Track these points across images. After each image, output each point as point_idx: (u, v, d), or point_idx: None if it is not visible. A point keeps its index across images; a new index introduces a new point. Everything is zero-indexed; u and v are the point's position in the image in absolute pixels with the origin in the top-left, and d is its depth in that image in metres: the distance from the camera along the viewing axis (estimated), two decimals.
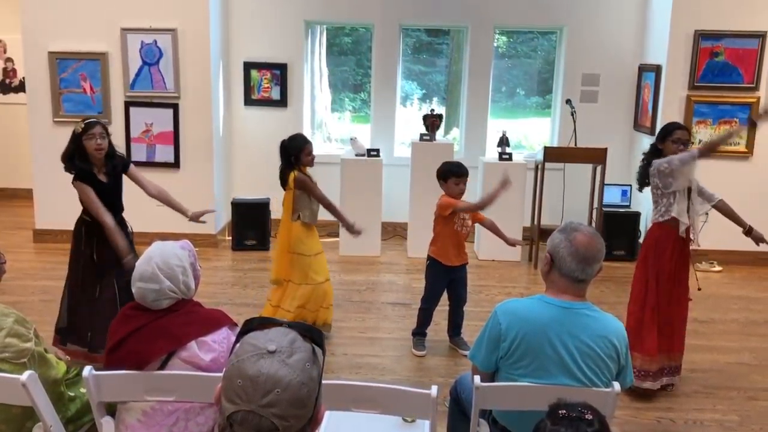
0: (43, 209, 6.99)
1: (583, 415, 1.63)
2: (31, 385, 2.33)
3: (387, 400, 2.44)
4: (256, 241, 6.98)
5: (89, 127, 3.90)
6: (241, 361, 1.31)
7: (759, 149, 6.70)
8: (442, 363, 4.58)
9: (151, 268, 2.46)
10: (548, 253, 2.51)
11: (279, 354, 1.31)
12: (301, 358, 1.34)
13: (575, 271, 2.41)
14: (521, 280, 6.37)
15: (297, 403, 1.30)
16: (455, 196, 4.55)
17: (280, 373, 1.29)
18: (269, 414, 1.27)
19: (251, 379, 1.28)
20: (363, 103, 9.09)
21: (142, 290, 2.46)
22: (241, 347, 1.35)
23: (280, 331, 1.39)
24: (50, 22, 6.63)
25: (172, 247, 2.59)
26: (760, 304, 5.84)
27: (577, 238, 2.43)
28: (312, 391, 1.34)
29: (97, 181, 3.97)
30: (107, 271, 4.02)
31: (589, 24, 7.29)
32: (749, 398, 4.19)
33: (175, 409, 2.47)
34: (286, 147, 4.68)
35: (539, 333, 2.39)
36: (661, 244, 4.11)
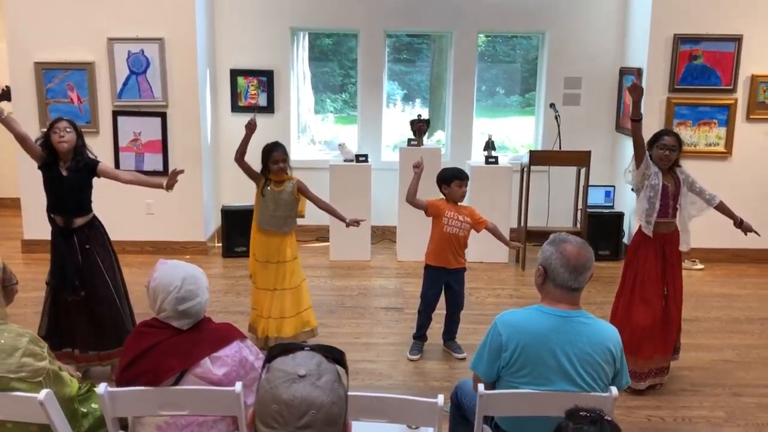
0: (30, 220, 6.98)
1: (603, 416, 1.74)
2: (48, 403, 2.39)
3: (394, 409, 2.53)
4: (246, 247, 6.98)
5: (55, 121, 4.14)
6: (274, 387, 1.39)
7: (737, 150, 6.87)
8: (438, 367, 4.68)
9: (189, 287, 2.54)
10: (541, 265, 2.61)
11: (309, 377, 1.40)
12: (329, 379, 1.42)
13: (569, 280, 2.52)
14: (510, 281, 6.49)
15: (330, 422, 1.38)
16: (458, 199, 4.67)
17: (312, 395, 1.37)
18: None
19: (286, 404, 1.36)
20: (344, 103, 9.16)
21: (191, 309, 2.54)
22: (271, 374, 1.42)
23: (306, 355, 1.47)
24: (36, 33, 6.62)
25: (185, 264, 2.66)
26: (741, 301, 6.01)
27: (567, 249, 2.54)
28: (342, 408, 1.42)
29: (56, 170, 4.13)
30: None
31: (570, 28, 7.43)
32: (734, 394, 4.34)
33: (188, 423, 2.54)
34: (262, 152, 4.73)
35: (539, 342, 2.49)
36: (644, 247, 4.25)
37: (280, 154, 4.64)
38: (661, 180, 4.15)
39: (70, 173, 4.16)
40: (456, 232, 4.68)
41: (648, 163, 4.17)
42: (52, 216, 4.25)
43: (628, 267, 4.34)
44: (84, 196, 4.26)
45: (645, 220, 4.19)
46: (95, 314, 4.27)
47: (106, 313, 4.28)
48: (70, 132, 4.11)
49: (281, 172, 4.66)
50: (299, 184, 4.76)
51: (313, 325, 4.87)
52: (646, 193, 4.15)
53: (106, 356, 4.33)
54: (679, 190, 4.22)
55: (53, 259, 4.30)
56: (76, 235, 4.23)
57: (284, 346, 1.51)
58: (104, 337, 4.29)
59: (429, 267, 4.80)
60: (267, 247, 4.72)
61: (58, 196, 4.19)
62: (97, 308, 4.26)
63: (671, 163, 4.19)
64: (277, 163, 4.62)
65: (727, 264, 6.95)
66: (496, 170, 6.91)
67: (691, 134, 6.82)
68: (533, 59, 8.00)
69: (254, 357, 2.65)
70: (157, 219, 6.95)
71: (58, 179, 4.14)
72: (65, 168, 4.17)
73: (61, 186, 4.15)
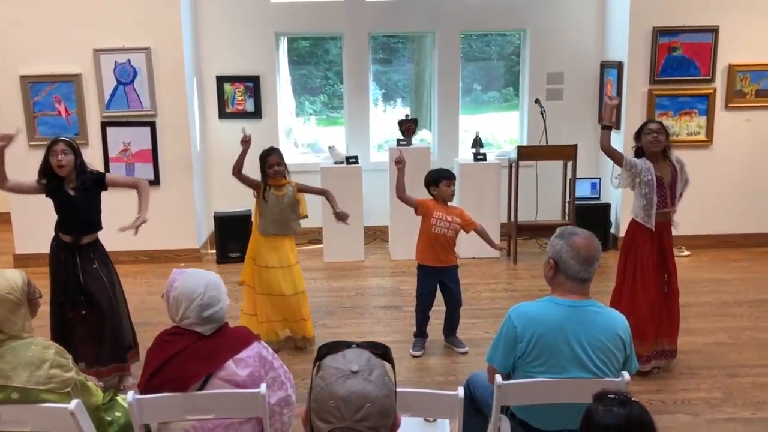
0: (21, 234, 6.96)
1: (630, 397, 1.83)
2: (78, 413, 2.43)
3: (415, 403, 2.61)
4: (240, 252, 7.04)
5: (52, 144, 4.12)
6: (329, 384, 1.46)
7: (718, 138, 7.05)
8: (440, 362, 4.76)
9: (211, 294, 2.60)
10: (551, 259, 2.70)
11: (362, 373, 1.47)
12: (380, 374, 1.50)
13: (580, 272, 2.63)
14: (503, 276, 6.59)
15: (384, 414, 1.45)
16: (447, 199, 4.75)
17: (366, 389, 1.44)
18: (363, 428, 1.42)
19: (343, 399, 1.43)
20: (324, 105, 9.23)
21: (215, 314, 2.60)
22: (325, 371, 1.49)
23: (355, 351, 1.54)
24: (21, 46, 6.60)
25: (204, 272, 2.72)
26: (729, 285, 6.17)
27: (577, 242, 2.64)
28: (393, 401, 1.50)
29: (63, 193, 4.13)
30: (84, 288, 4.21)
31: (551, 25, 7.56)
32: (729, 376, 4.47)
33: (215, 426, 2.59)
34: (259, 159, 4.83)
35: (554, 332, 2.58)
36: (641, 236, 4.37)
37: (275, 158, 4.75)
38: (653, 173, 4.26)
39: (77, 192, 4.16)
40: (444, 232, 4.76)
41: (632, 162, 4.30)
42: (60, 235, 4.23)
43: (626, 256, 4.44)
44: (94, 213, 4.28)
45: (645, 216, 4.31)
46: (97, 331, 4.28)
47: (108, 330, 4.29)
48: (68, 154, 4.09)
49: (278, 176, 4.75)
50: (299, 186, 4.86)
51: (311, 334, 4.95)
52: (641, 190, 4.28)
53: (106, 372, 4.32)
54: (676, 178, 4.35)
55: (56, 275, 4.28)
56: (81, 253, 4.23)
57: (332, 345, 1.57)
58: (103, 353, 4.31)
59: (420, 266, 4.90)
60: (270, 251, 4.79)
61: (68, 217, 4.18)
62: (98, 325, 4.27)
63: (662, 145, 4.27)
64: (272, 167, 4.72)
65: (712, 250, 7.12)
66: (484, 167, 7.02)
67: (672, 124, 6.97)
68: (509, 54, 8.13)
69: (272, 357, 2.72)
70: (150, 228, 6.81)
71: (67, 200, 4.13)
72: (71, 188, 4.16)
73: (71, 207, 4.14)
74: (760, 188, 7.14)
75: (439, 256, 4.80)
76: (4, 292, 2.54)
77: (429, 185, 4.80)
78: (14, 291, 2.58)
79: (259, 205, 4.83)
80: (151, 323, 5.15)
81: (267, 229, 4.79)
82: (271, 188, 4.74)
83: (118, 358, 4.35)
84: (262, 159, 4.79)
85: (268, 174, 4.75)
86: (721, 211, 7.20)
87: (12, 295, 2.56)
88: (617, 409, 1.81)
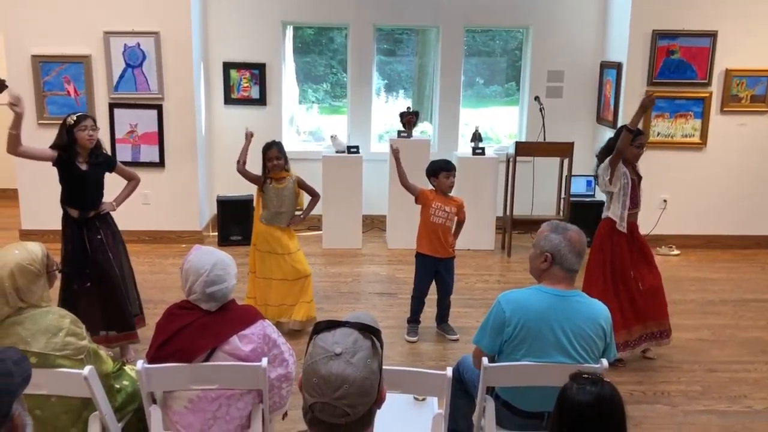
0: (28, 210, 7.12)
1: (602, 378, 2.00)
2: (92, 378, 2.60)
3: (407, 381, 2.78)
4: (241, 236, 7.21)
5: (81, 119, 4.29)
6: (314, 362, 1.62)
7: (712, 141, 7.20)
8: (432, 348, 4.94)
9: (218, 272, 2.75)
10: (548, 252, 2.85)
11: (344, 355, 1.62)
12: (363, 356, 1.64)
13: (574, 264, 2.82)
14: (496, 268, 6.76)
15: (362, 393, 1.62)
16: (446, 190, 4.91)
17: (346, 372, 1.60)
18: (341, 404, 1.59)
19: (324, 378, 1.59)
20: (326, 93, 9.35)
21: (218, 292, 2.75)
22: (313, 349, 1.65)
23: (344, 332, 1.68)
24: (33, 26, 6.73)
25: (216, 251, 2.87)
26: (715, 284, 6.35)
27: (572, 237, 2.83)
28: (374, 381, 1.65)
29: (75, 167, 4.30)
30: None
31: (553, 24, 7.70)
32: (709, 371, 4.66)
33: (217, 396, 2.76)
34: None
35: (540, 319, 2.76)
36: (616, 236, 4.56)
37: (275, 152, 4.94)
38: (629, 177, 4.48)
39: (89, 167, 4.35)
40: (442, 222, 4.92)
41: (619, 165, 4.47)
42: (67, 208, 4.41)
43: (601, 254, 4.60)
44: (100, 190, 4.47)
45: (621, 219, 4.49)
46: (102, 301, 4.46)
47: (111, 300, 4.47)
48: (95, 130, 4.32)
49: (277, 169, 4.94)
50: (299, 180, 5.04)
51: (313, 315, 5.12)
52: (620, 195, 4.46)
53: (114, 339, 4.52)
54: (640, 180, 4.61)
55: (64, 247, 4.47)
56: (88, 226, 4.42)
57: (329, 323, 1.73)
58: (109, 321, 4.49)
59: (419, 255, 5.07)
60: (270, 240, 5.00)
61: (76, 190, 4.36)
62: (104, 294, 4.46)
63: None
64: (272, 160, 4.92)
65: (701, 250, 7.29)
66: (483, 161, 7.18)
67: (668, 126, 7.14)
68: (511, 50, 8.26)
69: (276, 335, 2.89)
70: (154, 209, 7.12)
71: (77, 174, 4.31)
72: (84, 162, 4.34)
73: (80, 180, 4.32)
74: (751, 191, 7.32)
75: (436, 246, 4.96)
76: (26, 262, 2.71)
77: (429, 176, 4.97)
78: (35, 262, 2.74)
79: (260, 196, 5.01)
80: (152, 301, 5.32)
81: (268, 220, 5.00)
82: (272, 181, 4.92)
83: (125, 326, 4.53)
84: (263, 153, 4.98)
85: (267, 168, 4.94)
86: (711, 212, 7.37)
87: (33, 266, 2.72)
88: (589, 387, 1.98)
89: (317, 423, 1.62)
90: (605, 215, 4.63)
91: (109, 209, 4.50)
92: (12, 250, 2.73)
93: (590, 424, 1.93)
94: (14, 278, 2.66)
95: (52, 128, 6.90)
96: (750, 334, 5.27)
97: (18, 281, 2.67)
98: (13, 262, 2.68)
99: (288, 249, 5.01)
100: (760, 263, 6.98)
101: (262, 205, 5.04)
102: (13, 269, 2.67)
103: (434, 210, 4.90)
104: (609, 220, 4.59)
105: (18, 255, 2.72)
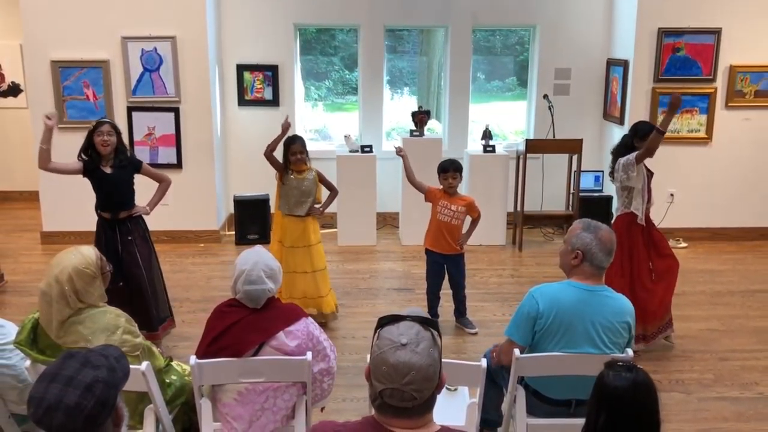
0: (49, 212, 7.27)
1: (635, 365, 2.16)
2: (148, 373, 2.77)
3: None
4: (258, 235, 7.37)
5: (99, 125, 4.49)
6: (383, 352, 1.79)
7: (717, 136, 7.36)
8: (452, 341, 5.10)
9: (258, 273, 2.89)
10: (579, 250, 3.00)
11: (410, 345, 1.79)
12: (426, 346, 1.82)
13: (604, 261, 2.98)
14: (509, 262, 6.93)
15: (427, 378, 1.79)
16: (446, 190, 5.09)
17: (412, 360, 1.77)
18: (409, 389, 1.76)
19: (393, 367, 1.76)
20: (328, 91, 9.49)
21: (254, 291, 2.90)
22: (381, 341, 1.82)
23: (407, 324, 1.86)
24: (52, 32, 6.88)
25: (266, 253, 3.02)
26: (723, 276, 6.52)
27: (603, 236, 2.99)
28: (436, 368, 1.83)
29: (100, 171, 4.49)
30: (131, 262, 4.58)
31: (560, 22, 7.85)
32: (721, 359, 4.83)
33: (264, 389, 2.93)
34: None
35: (572, 313, 2.92)
36: (633, 232, 4.71)
37: (298, 146, 5.08)
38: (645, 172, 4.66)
39: (114, 170, 4.52)
40: (448, 220, 5.08)
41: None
42: (100, 213, 4.59)
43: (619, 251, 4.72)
44: (128, 191, 4.62)
45: (642, 213, 4.66)
46: (130, 301, 4.61)
47: (137, 300, 4.62)
48: (112, 136, 4.48)
49: (300, 163, 5.09)
50: (319, 174, 5.19)
51: (332, 308, 5.29)
52: (643, 190, 4.63)
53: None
54: (652, 176, 4.79)
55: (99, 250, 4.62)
56: (120, 227, 4.58)
57: (390, 317, 1.89)
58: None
59: (427, 251, 5.25)
60: (293, 232, 5.14)
61: (105, 194, 4.54)
62: (130, 293, 4.61)
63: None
64: (295, 154, 5.06)
65: (708, 242, 7.46)
66: (493, 158, 7.33)
67: (674, 121, 7.26)
68: (512, 45, 8.40)
69: (319, 332, 3.05)
70: (172, 210, 7.24)
71: (103, 178, 4.49)
72: (108, 166, 4.51)
73: (107, 183, 4.50)
74: (756, 184, 7.48)
75: (441, 243, 5.12)
76: (82, 266, 2.87)
77: (438, 175, 5.14)
78: (90, 265, 2.91)
79: (280, 187, 5.17)
80: (177, 299, 5.47)
81: (286, 208, 5.15)
82: (293, 172, 5.07)
83: (149, 327, 4.67)
84: (285, 146, 5.11)
85: (290, 160, 5.07)
86: (717, 205, 7.53)
87: (89, 269, 2.89)
88: (625, 373, 2.13)
89: (386, 408, 1.79)
90: (622, 211, 4.77)
91: (143, 213, 4.66)
92: (68, 255, 2.90)
93: (627, 408, 2.08)
94: (73, 281, 2.84)
95: (72, 132, 7.10)
96: (759, 323, 5.44)
97: (76, 284, 2.84)
98: (71, 266, 2.85)
99: (309, 241, 5.17)
100: (766, 255, 7.15)
101: (281, 195, 5.17)
102: (72, 273, 2.84)
103: (440, 208, 5.07)
104: (628, 215, 4.73)
105: (74, 259, 2.88)
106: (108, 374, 1.69)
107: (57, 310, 2.83)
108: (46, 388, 1.64)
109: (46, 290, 2.83)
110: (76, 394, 1.63)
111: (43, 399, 1.64)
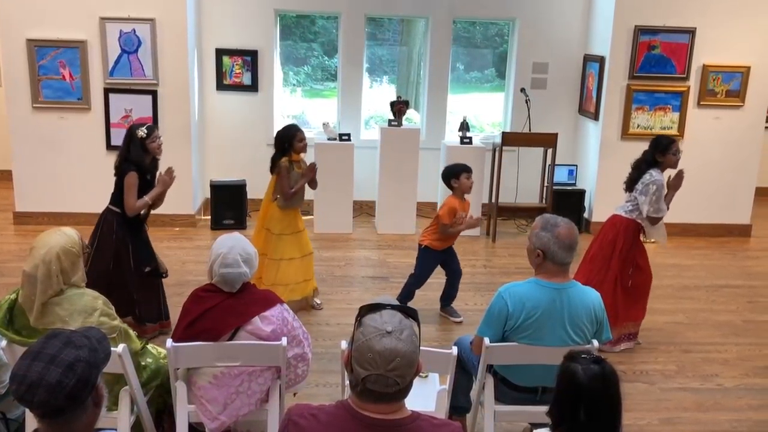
0: (22, 192, 7.20)
1: (599, 356, 2.23)
2: (124, 355, 2.80)
3: None
4: (234, 220, 7.39)
5: (151, 131, 4.55)
6: (368, 339, 1.85)
7: (689, 133, 7.51)
8: (433, 329, 5.17)
9: (234, 257, 2.94)
10: (539, 249, 3.06)
11: (395, 333, 1.86)
12: (409, 333, 1.89)
13: (565, 257, 3.04)
14: (482, 253, 7.03)
15: (410, 365, 1.87)
16: (466, 191, 5.10)
17: (398, 347, 1.84)
18: (393, 375, 1.84)
19: (379, 353, 1.83)
20: (307, 76, 9.48)
21: (229, 275, 2.94)
22: (365, 328, 1.88)
23: (389, 313, 1.92)
24: (28, 10, 6.79)
25: (243, 239, 3.06)
26: (690, 270, 6.69)
27: (561, 233, 3.03)
28: (417, 354, 1.91)
29: (145, 178, 4.59)
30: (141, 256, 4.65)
31: (539, 16, 7.93)
32: (684, 351, 4.98)
33: (239, 373, 2.98)
34: (280, 136, 5.15)
35: (542, 312, 3.00)
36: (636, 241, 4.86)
37: (303, 133, 5.15)
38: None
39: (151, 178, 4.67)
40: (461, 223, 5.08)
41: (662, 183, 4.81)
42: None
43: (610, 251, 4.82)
44: None
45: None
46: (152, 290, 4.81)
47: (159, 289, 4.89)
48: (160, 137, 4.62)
49: (304, 150, 5.16)
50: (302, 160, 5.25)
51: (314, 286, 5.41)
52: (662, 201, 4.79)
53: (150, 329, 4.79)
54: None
55: (146, 246, 4.76)
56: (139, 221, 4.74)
57: (371, 306, 1.95)
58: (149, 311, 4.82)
59: (427, 248, 5.18)
60: (282, 220, 5.17)
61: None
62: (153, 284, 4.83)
63: None
64: (301, 141, 5.11)
65: (678, 237, 7.61)
66: (470, 150, 7.40)
67: (647, 118, 7.43)
68: (491, 36, 8.48)
69: (293, 318, 3.11)
70: None
71: (149, 183, 4.61)
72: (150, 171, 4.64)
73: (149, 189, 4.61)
74: (724, 182, 7.66)
75: (449, 241, 5.20)
76: (68, 245, 2.92)
77: (449, 178, 5.09)
78: (75, 245, 2.96)
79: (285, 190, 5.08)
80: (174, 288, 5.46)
81: (289, 204, 5.13)
82: (294, 165, 5.11)
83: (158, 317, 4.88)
84: (288, 136, 5.08)
85: (295, 148, 5.07)
86: (687, 201, 7.65)
87: (74, 249, 2.96)
88: (593, 366, 2.19)
89: (368, 393, 1.86)
90: (629, 215, 4.83)
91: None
92: (54, 236, 2.95)
93: (592, 399, 2.14)
94: (60, 260, 2.89)
95: (46, 112, 7.04)
96: (722, 317, 5.61)
97: (63, 263, 2.90)
98: (57, 246, 2.89)
99: (298, 227, 5.23)
100: (732, 251, 7.34)
101: (289, 197, 5.11)
102: (59, 252, 2.89)
103: (457, 218, 5.02)
104: (635, 224, 4.82)
105: (60, 239, 2.93)
106: (90, 354, 1.73)
107: (41, 291, 2.86)
108: (29, 366, 1.69)
109: (31, 272, 2.86)
110: (58, 372, 1.67)
111: (25, 376, 1.68)
